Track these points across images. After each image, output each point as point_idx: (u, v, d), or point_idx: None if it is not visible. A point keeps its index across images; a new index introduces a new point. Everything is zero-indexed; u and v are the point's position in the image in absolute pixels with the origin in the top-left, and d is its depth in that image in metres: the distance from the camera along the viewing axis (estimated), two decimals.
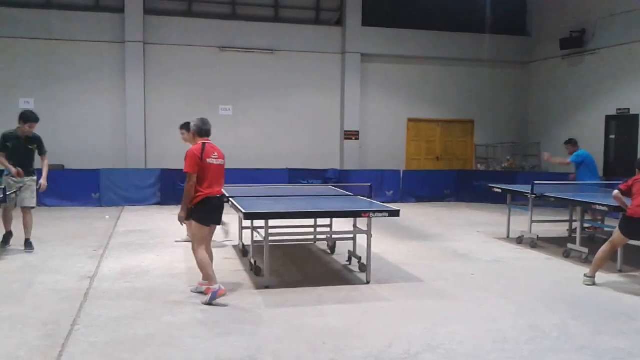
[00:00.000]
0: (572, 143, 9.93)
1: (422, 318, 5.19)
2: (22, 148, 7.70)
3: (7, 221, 8.01)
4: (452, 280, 6.59)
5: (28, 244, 7.79)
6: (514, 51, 16.93)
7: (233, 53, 15.28)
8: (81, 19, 14.30)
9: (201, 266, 5.58)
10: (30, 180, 7.77)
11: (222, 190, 5.85)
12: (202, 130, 5.75)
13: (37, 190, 7.85)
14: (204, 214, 5.57)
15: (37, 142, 7.81)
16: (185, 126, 7.38)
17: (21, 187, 7.66)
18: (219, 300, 5.44)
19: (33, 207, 7.84)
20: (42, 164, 7.94)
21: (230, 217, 7.35)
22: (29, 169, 7.78)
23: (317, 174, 14.09)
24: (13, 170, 7.52)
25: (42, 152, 7.92)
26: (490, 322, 5.12)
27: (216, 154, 5.68)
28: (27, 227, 7.79)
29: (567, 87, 15.55)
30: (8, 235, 8.05)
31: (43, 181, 7.80)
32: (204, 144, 5.63)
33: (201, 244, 5.61)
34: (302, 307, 5.42)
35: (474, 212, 12.48)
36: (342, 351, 4.37)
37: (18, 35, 13.92)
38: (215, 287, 5.46)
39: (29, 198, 7.73)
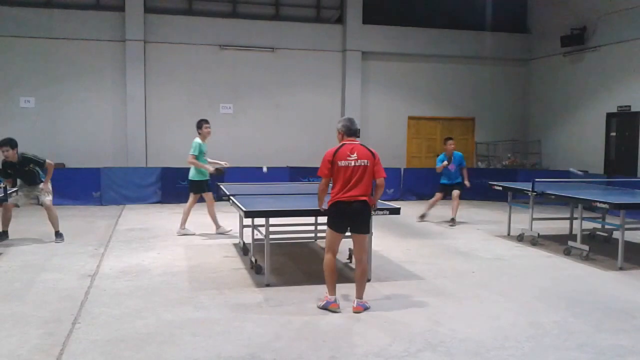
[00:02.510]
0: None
1: (423, 316, 5.19)
2: (20, 172, 8.16)
3: (5, 221, 8.19)
4: (453, 278, 6.59)
5: (58, 235, 8.30)
6: (515, 49, 16.91)
7: (233, 51, 15.28)
8: (82, 18, 14.30)
9: (324, 271, 5.37)
10: (39, 188, 8.27)
11: (364, 195, 5.30)
12: (350, 131, 5.52)
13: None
14: (332, 218, 5.35)
15: (29, 162, 8.16)
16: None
17: (37, 195, 8.27)
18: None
19: (51, 202, 8.34)
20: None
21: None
22: (35, 182, 8.27)
23: None
24: (12, 199, 7.98)
25: (42, 167, 8.31)
26: (491, 319, 5.12)
27: (355, 154, 5.35)
28: (52, 222, 8.34)
29: (568, 84, 15.54)
30: (2, 234, 8.17)
31: (43, 185, 8.25)
32: (342, 145, 5.42)
33: (328, 249, 5.37)
34: (303, 305, 5.42)
35: (474, 209, 12.47)
36: (342, 349, 4.38)
37: (19, 34, 13.92)
38: (332, 298, 5.29)
39: (46, 198, 8.27)
